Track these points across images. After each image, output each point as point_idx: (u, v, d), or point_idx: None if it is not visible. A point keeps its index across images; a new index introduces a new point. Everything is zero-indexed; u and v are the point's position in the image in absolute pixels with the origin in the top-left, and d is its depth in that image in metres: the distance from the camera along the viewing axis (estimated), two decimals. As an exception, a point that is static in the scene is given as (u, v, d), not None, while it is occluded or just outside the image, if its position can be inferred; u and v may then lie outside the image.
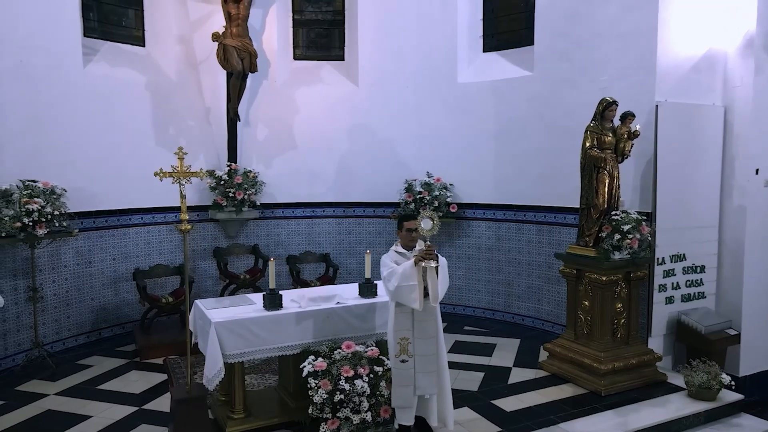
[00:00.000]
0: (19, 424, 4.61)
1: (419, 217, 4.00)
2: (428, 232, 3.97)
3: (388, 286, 4.04)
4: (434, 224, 3.98)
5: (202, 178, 4.49)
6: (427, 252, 3.92)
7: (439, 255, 4.07)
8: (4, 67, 5.82)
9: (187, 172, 4.31)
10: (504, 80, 7.39)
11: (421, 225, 3.98)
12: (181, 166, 4.30)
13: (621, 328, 5.38)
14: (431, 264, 3.91)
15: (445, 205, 7.52)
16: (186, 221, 4.27)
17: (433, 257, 3.93)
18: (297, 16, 8.42)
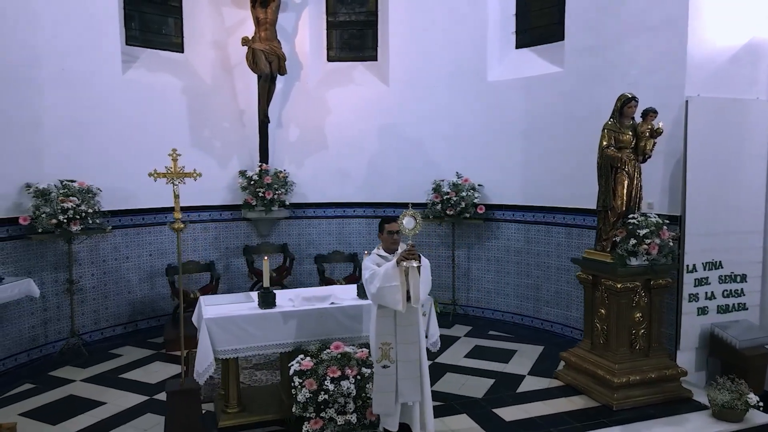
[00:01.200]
0: (41, 407, 4.96)
1: (401, 215, 3.94)
2: (410, 231, 3.90)
3: (370, 288, 4.00)
4: (417, 223, 3.92)
5: (195, 178, 4.60)
6: (409, 252, 3.86)
7: (422, 256, 3.99)
8: (47, 74, 6.28)
9: (181, 172, 4.46)
10: (534, 77, 7.13)
11: (403, 224, 3.92)
12: (174, 167, 4.48)
13: (640, 338, 5.04)
14: (413, 264, 3.84)
15: (473, 206, 7.35)
16: (179, 220, 4.40)
17: (415, 257, 3.87)
18: (331, 18, 8.52)
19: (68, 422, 4.64)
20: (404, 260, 3.84)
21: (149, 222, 7.36)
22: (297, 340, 4.47)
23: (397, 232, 4.17)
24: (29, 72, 6.12)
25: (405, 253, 3.87)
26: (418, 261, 3.87)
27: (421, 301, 3.92)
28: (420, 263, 3.89)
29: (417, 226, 3.90)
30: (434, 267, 7.93)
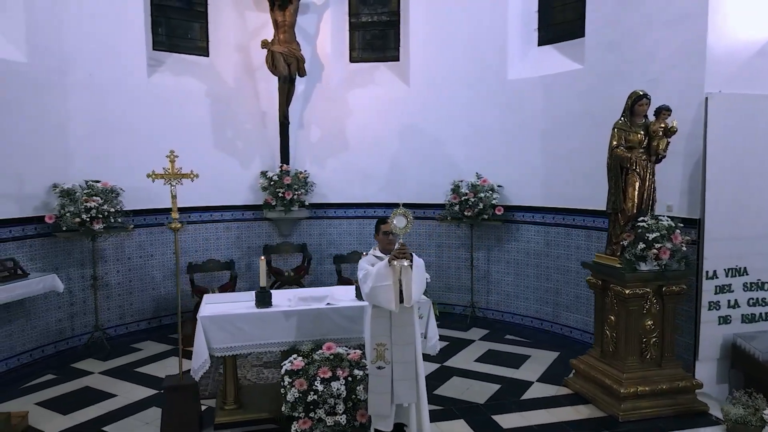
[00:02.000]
0: (57, 396, 5.21)
1: (392, 214, 3.90)
2: (401, 230, 3.86)
3: (364, 288, 3.98)
4: (408, 222, 3.87)
5: (192, 179, 4.71)
6: (399, 251, 3.82)
7: (415, 255, 3.94)
8: (75, 80, 6.58)
9: (178, 173, 4.56)
10: (554, 75, 6.93)
11: (393, 223, 3.88)
12: (172, 168, 4.60)
13: (651, 347, 4.81)
14: (404, 263, 3.80)
15: (491, 208, 7.21)
16: (177, 220, 4.51)
17: (406, 256, 3.82)
18: (353, 19, 8.55)
19: (78, 413, 4.84)
20: (395, 259, 3.81)
21: (173, 221, 7.57)
22: (292, 340, 4.50)
23: (392, 233, 4.13)
24: (58, 78, 6.43)
25: (396, 252, 3.83)
26: (409, 260, 3.82)
27: (413, 301, 3.85)
28: (412, 262, 3.83)
29: (408, 225, 3.86)
30: (454, 269, 7.96)
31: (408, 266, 3.78)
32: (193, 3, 7.98)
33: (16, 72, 5.98)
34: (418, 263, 3.91)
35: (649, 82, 5.63)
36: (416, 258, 3.93)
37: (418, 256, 4.09)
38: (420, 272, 3.89)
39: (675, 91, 5.35)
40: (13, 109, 5.95)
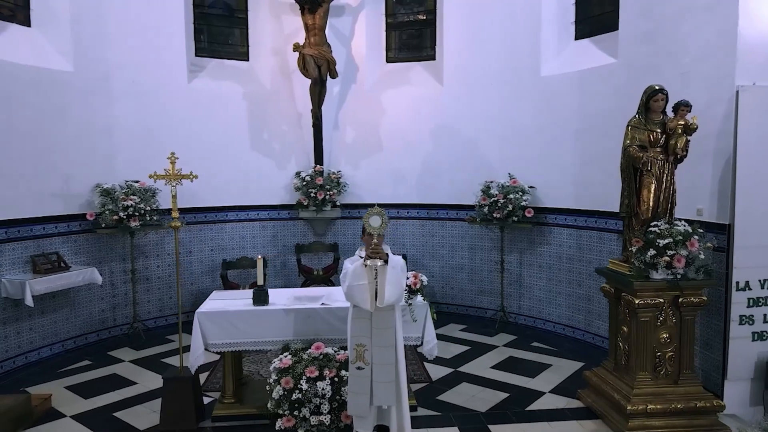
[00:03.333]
0: (85, 381, 5.61)
1: (367, 214, 3.90)
2: (376, 230, 3.86)
3: (343, 287, 4.01)
4: (383, 222, 3.86)
5: (192, 180, 4.89)
6: (373, 250, 3.80)
7: (393, 256, 3.89)
8: (119, 87, 7.04)
9: (178, 174, 4.76)
10: (587, 70, 6.58)
11: (369, 222, 3.87)
12: (172, 169, 4.80)
13: (667, 362, 4.45)
14: (377, 263, 3.78)
15: (520, 210, 6.96)
16: (177, 219, 4.71)
17: (380, 256, 3.79)
18: (390, 19, 8.54)
19: (97, 397, 5.19)
20: (369, 259, 3.80)
21: (211, 219, 7.93)
22: (285, 338, 4.58)
23: (379, 234, 4.12)
24: (103, 84, 6.90)
25: (370, 252, 3.82)
26: (384, 260, 3.79)
27: (387, 302, 3.80)
28: (385, 262, 3.79)
29: (383, 225, 3.85)
30: (486, 272, 7.75)
31: (382, 266, 3.75)
32: (234, 10, 8.29)
33: (64, 81, 6.49)
34: (396, 264, 3.85)
35: (681, 75, 5.24)
36: (394, 258, 3.88)
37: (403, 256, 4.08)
38: (396, 273, 3.83)
39: (706, 85, 4.94)
40: (61, 115, 6.45)
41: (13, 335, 5.97)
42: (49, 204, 6.37)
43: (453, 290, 8.14)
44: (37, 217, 6.23)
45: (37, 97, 6.20)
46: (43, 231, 6.30)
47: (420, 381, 5.51)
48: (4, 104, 5.86)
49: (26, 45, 6.27)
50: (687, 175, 5.04)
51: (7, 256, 5.91)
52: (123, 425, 4.64)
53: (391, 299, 3.80)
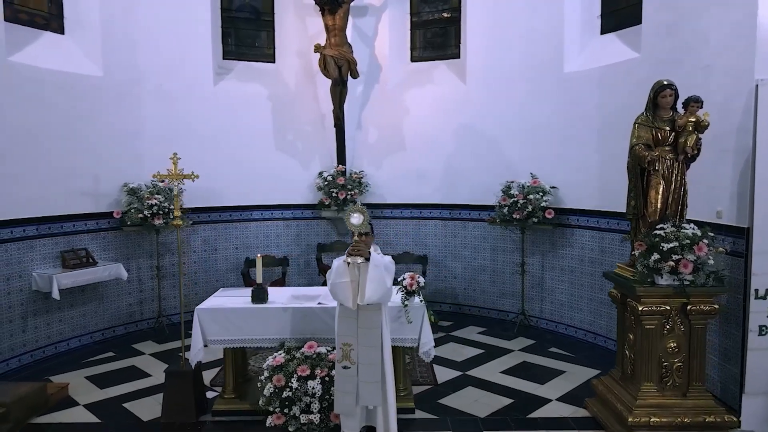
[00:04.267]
0: (105, 372, 5.86)
1: (348, 211, 3.92)
2: (357, 228, 3.88)
3: (329, 285, 4.03)
4: (364, 219, 3.87)
5: (193, 180, 5.02)
6: (353, 248, 3.81)
7: (376, 254, 3.88)
8: (147, 90, 7.31)
9: (180, 174, 4.89)
10: (610, 66, 6.32)
11: (350, 220, 3.89)
12: (174, 169, 4.92)
13: (674, 373, 4.21)
14: (357, 260, 3.79)
15: (540, 210, 6.76)
16: (179, 217, 4.84)
17: (361, 254, 3.79)
18: (415, 18, 8.49)
19: (112, 388, 5.42)
20: (350, 256, 3.81)
21: (236, 218, 8.13)
22: (281, 337, 4.63)
23: (366, 234, 4.12)
24: (132, 88, 7.19)
25: (350, 249, 3.83)
26: (365, 258, 3.78)
27: (367, 300, 3.79)
28: (366, 260, 3.78)
29: (364, 223, 3.86)
30: (508, 274, 7.58)
31: (362, 264, 3.75)
32: (261, 13, 8.46)
33: (94, 85, 6.80)
34: (378, 263, 3.83)
35: (703, 69, 4.96)
36: (377, 257, 3.86)
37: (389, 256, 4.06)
38: (379, 272, 3.81)
39: (726, 79, 4.66)
40: (91, 117, 6.77)
41: (43, 326, 6.32)
42: (79, 202, 6.70)
43: (475, 292, 8.00)
44: (67, 215, 6.56)
45: (68, 101, 6.52)
46: (73, 228, 6.63)
47: (425, 384, 5.44)
48: (37, 108, 6.20)
49: (59, 52, 6.61)
50: (706, 174, 4.78)
51: (38, 251, 6.25)
52: (128, 415, 4.82)
53: (373, 297, 3.78)
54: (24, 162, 6.06)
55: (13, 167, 5.94)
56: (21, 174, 6.03)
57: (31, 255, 6.17)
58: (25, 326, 6.12)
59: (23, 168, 6.05)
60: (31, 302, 6.17)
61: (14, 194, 5.96)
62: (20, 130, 6.02)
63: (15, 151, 5.97)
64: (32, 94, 6.14)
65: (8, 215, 5.93)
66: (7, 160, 5.87)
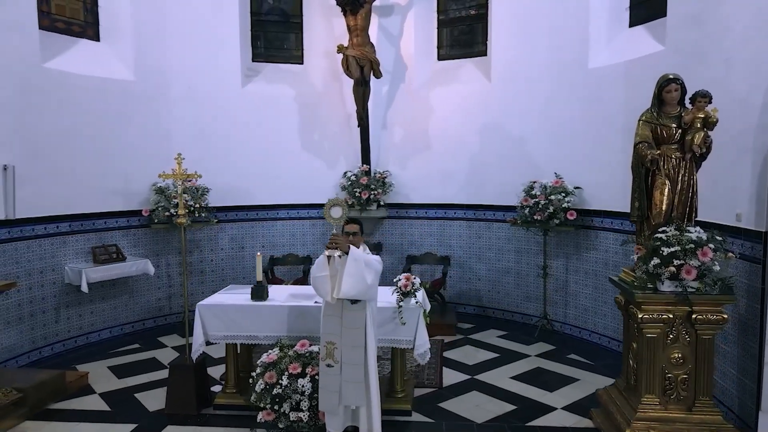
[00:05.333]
0: (126, 363, 6.14)
1: (327, 204, 3.96)
2: (336, 221, 3.92)
3: (310, 279, 4.08)
4: (344, 212, 3.88)
5: (196, 179, 5.15)
6: (331, 241, 3.83)
7: (355, 249, 3.88)
8: (177, 93, 7.60)
9: (184, 174, 5.04)
10: (635, 60, 6.02)
11: (330, 214, 3.93)
12: (179, 168, 5.05)
13: (679, 385, 3.95)
14: (335, 254, 3.81)
15: (562, 212, 6.53)
16: (183, 215, 5.00)
17: (340, 247, 3.80)
18: (442, 16, 8.39)
19: (130, 378, 5.67)
20: (328, 249, 3.84)
21: (262, 217, 8.30)
22: (278, 334, 4.69)
23: (354, 233, 4.16)
24: (162, 91, 7.49)
25: (328, 243, 3.86)
26: (341, 250, 3.79)
27: (344, 294, 3.80)
28: (344, 254, 3.79)
29: (344, 216, 3.88)
30: (533, 276, 7.37)
31: (339, 257, 3.77)
32: (290, 15, 8.61)
33: (126, 89, 7.13)
34: (358, 257, 3.81)
35: (725, 62, 4.64)
36: (357, 252, 3.85)
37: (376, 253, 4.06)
38: (358, 266, 3.80)
39: (746, 72, 4.33)
40: (123, 120, 7.10)
41: (75, 318, 6.69)
42: (111, 201, 7.04)
43: (499, 294, 7.82)
44: (99, 212, 6.92)
45: (101, 105, 6.87)
46: (105, 225, 6.98)
47: (430, 386, 5.37)
48: (71, 111, 6.56)
49: (94, 58, 6.96)
50: (727, 175, 4.49)
51: (71, 247, 6.62)
52: (137, 405, 5.03)
53: (350, 292, 3.78)
54: (58, 162, 6.43)
55: (47, 167, 6.31)
56: (55, 173, 6.40)
57: (63, 250, 6.54)
58: (58, 317, 6.50)
59: (57, 168, 6.42)
60: (64, 294, 6.54)
61: (49, 193, 6.33)
62: (55, 132, 6.39)
63: (50, 151, 6.34)
64: (66, 98, 6.50)
65: (43, 212, 6.30)
66: (42, 161, 6.25)
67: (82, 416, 4.80)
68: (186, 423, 4.65)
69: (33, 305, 6.21)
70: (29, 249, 6.15)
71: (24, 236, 6.09)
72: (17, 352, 6.03)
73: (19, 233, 6.02)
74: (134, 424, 4.63)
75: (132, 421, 4.68)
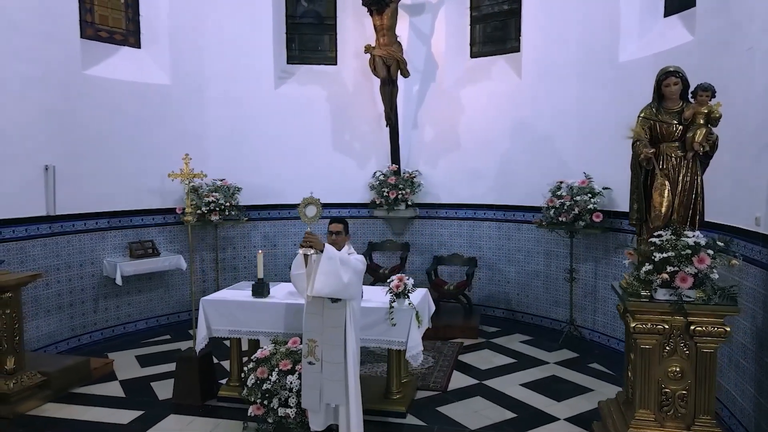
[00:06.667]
0: (152, 353, 6.47)
1: (302, 203, 4.01)
2: (310, 220, 3.97)
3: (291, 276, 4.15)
4: (318, 211, 3.93)
5: (202, 178, 5.33)
6: (304, 239, 3.87)
7: (331, 247, 3.89)
8: (212, 96, 7.91)
9: (191, 173, 5.23)
10: (662, 52, 5.65)
11: (304, 212, 3.98)
12: (186, 168, 5.25)
13: (677, 402, 3.67)
14: (308, 252, 3.85)
15: (588, 213, 6.24)
16: (190, 213, 5.19)
17: (313, 245, 3.83)
18: (475, 12, 8.24)
19: (152, 367, 5.97)
20: (302, 247, 3.89)
21: (295, 215, 8.34)
22: (276, 331, 4.78)
23: (338, 233, 4.20)
24: (198, 94, 7.83)
25: (302, 241, 3.90)
26: (315, 249, 3.82)
27: (317, 292, 3.82)
28: (318, 252, 3.81)
29: (317, 214, 3.92)
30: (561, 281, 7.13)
31: (311, 255, 3.80)
32: (324, 17, 8.74)
33: (163, 93, 7.52)
34: (332, 255, 3.82)
35: (747, 51, 4.25)
36: (332, 250, 3.86)
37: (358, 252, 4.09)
38: (332, 265, 3.80)
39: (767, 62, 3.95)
40: (159, 122, 7.48)
41: (112, 308, 7.12)
42: (148, 199, 7.44)
43: (528, 298, 7.58)
44: (136, 210, 7.33)
45: (138, 108, 7.27)
46: (141, 222, 7.39)
47: (434, 389, 5.29)
48: (111, 115, 6.99)
49: (134, 64, 7.39)
50: (747, 175, 4.13)
51: (109, 242, 7.06)
52: (149, 393, 5.29)
53: (324, 290, 3.79)
54: (98, 162, 6.87)
55: (88, 167, 6.75)
56: (95, 173, 6.84)
57: (102, 245, 6.99)
58: (96, 307, 6.95)
59: (97, 168, 6.86)
60: (102, 286, 6.98)
61: (89, 191, 6.78)
62: (95, 135, 6.83)
63: (90, 152, 6.79)
64: (106, 102, 6.93)
65: (83, 209, 6.75)
66: (82, 161, 6.70)
67: (98, 401, 5.11)
68: (188, 413, 4.84)
69: (73, 295, 6.67)
70: (69, 243, 6.61)
71: (64, 231, 6.55)
72: (57, 338, 6.50)
73: (59, 228, 6.49)
74: (141, 411, 4.88)
75: (140, 408, 4.93)
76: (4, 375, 4.81)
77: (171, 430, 4.58)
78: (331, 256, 3.80)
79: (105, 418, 4.75)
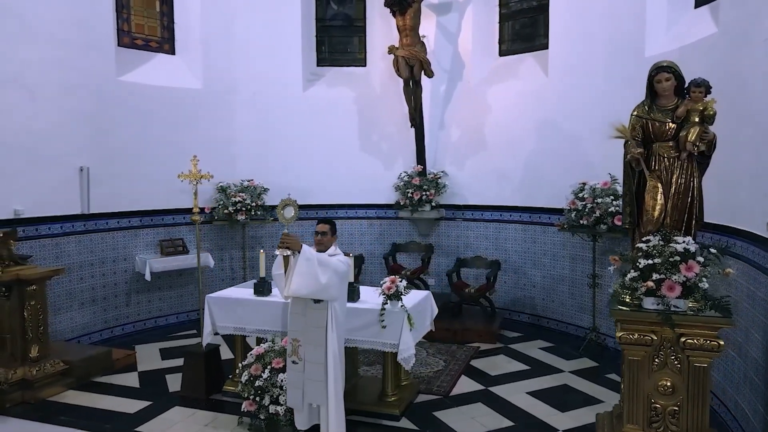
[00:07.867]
0: (175, 347, 6.69)
1: (279, 205, 4.07)
2: (288, 221, 4.02)
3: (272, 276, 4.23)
4: (295, 212, 3.99)
5: (209, 179, 5.49)
6: (281, 240, 3.92)
7: (308, 248, 3.93)
8: (242, 99, 8.16)
9: (199, 174, 5.40)
10: (689, 45, 5.34)
11: (282, 213, 4.04)
12: (194, 169, 5.43)
13: (667, 418, 3.45)
14: (285, 252, 3.90)
15: (609, 216, 5.97)
16: (197, 214, 5.37)
17: (290, 246, 3.88)
18: (503, 10, 8.05)
19: (169, 360, 6.22)
20: (279, 248, 3.94)
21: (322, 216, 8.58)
22: (274, 329, 4.87)
23: (323, 233, 4.24)
24: (228, 97, 8.09)
25: (279, 243, 3.95)
26: (293, 249, 3.86)
27: (293, 292, 3.88)
28: (294, 254, 3.86)
29: (295, 216, 3.99)
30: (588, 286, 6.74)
31: (289, 256, 3.85)
32: (353, 19, 8.81)
33: (194, 96, 7.82)
34: (309, 256, 3.85)
35: (764, 42, 3.94)
36: (309, 251, 3.89)
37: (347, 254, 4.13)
38: (310, 266, 3.84)
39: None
40: (190, 125, 7.78)
41: (144, 303, 7.49)
42: (178, 199, 7.72)
43: (554, 303, 7.33)
44: (167, 209, 7.66)
45: (171, 112, 7.60)
46: (173, 221, 7.72)
47: (437, 394, 5.22)
48: (144, 119, 7.35)
49: (168, 70, 7.73)
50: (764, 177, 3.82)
51: (141, 239, 7.42)
52: (161, 385, 5.52)
53: (301, 291, 3.83)
54: (131, 164, 7.23)
55: (121, 168, 7.13)
56: (128, 174, 7.20)
57: (135, 242, 7.35)
58: (129, 301, 7.32)
59: (130, 168, 7.22)
60: (134, 282, 7.35)
61: (123, 191, 7.16)
62: (128, 137, 7.20)
63: (123, 154, 7.16)
64: (139, 106, 7.29)
65: (117, 208, 7.14)
66: (116, 162, 7.08)
67: (115, 390, 5.39)
68: (192, 405, 5.02)
69: (106, 290, 7.06)
70: (103, 240, 7.01)
71: (98, 229, 6.95)
72: (90, 329, 6.90)
73: (93, 226, 6.89)
74: (149, 402, 5.10)
75: (149, 399, 5.16)
76: (28, 362, 5.16)
77: (173, 421, 4.76)
78: (309, 257, 3.84)
79: (116, 407, 5.00)
